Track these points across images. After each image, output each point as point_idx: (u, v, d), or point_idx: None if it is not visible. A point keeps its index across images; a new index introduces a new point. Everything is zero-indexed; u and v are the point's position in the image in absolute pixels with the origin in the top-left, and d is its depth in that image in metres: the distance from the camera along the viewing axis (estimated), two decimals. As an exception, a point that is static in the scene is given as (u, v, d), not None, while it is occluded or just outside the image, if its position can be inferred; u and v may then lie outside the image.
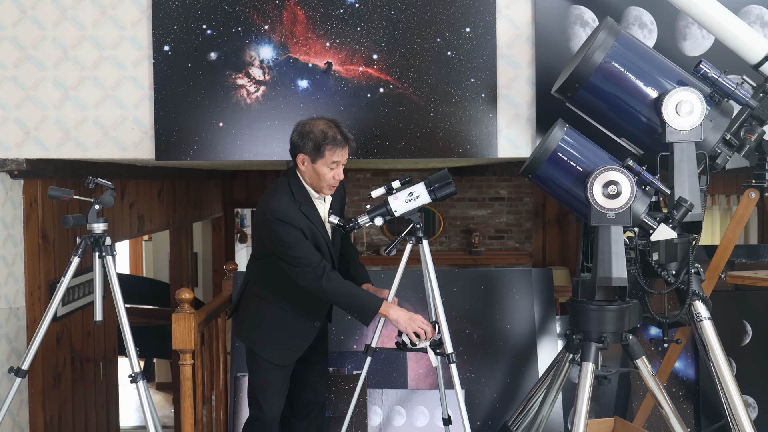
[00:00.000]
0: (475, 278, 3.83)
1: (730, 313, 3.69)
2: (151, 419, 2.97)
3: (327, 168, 2.81)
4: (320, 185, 2.85)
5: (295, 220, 2.80)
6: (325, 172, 2.81)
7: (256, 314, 3.01)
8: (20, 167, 3.52)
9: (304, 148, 2.79)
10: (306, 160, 2.81)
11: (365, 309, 2.82)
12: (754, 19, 3.36)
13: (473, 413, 3.61)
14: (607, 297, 2.61)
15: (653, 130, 2.68)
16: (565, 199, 2.68)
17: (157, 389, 8.39)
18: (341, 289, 2.81)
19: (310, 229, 2.85)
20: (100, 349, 4.77)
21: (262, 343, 2.99)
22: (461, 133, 3.42)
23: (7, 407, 2.96)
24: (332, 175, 2.83)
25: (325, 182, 2.84)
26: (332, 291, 2.80)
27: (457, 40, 3.39)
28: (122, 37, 3.42)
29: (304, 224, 2.82)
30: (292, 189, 2.86)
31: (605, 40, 2.65)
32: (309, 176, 2.85)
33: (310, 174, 2.84)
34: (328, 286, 2.78)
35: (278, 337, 2.97)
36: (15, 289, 3.73)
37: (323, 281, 2.77)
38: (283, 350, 2.98)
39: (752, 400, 3.62)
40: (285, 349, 2.98)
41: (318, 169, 2.80)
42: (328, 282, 2.78)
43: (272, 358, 2.98)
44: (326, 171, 2.81)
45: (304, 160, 2.82)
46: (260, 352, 2.99)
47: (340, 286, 2.81)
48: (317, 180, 2.84)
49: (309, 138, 2.78)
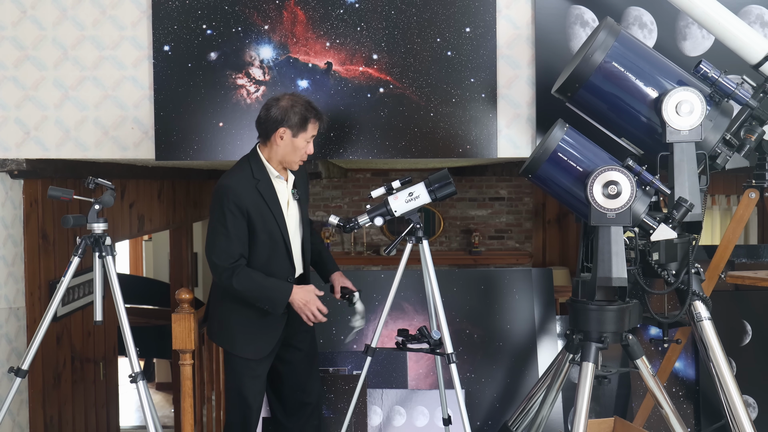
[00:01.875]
0: (475, 278, 3.84)
1: (730, 313, 3.69)
2: (151, 419, 2.97)
3: (305, 142, 2.87)
4: (293, 159, 2.89)
5: (245, 200, 2.81)
6: (302, 146, 2.87)
7: (223, 311, 3.00)
8: (20, 167, 3.52)
9: (287, 122, 2.82)
10: (286, 134, 2.84)
11: (274, 300, 2.85)
12: (754, 19, 3.36)
13: (473, 413, 3.61)
14: (607, 297, 2.61)
15: (653, 130, 2.68)
16: (565, 199, 2.68)
17: (157, 389, 8.39)
18: (251, 283, 2.83)
19: (261, 210, 2.85)
20: (100, 349, 4.77)
21: (234, 339, 2.97)
22: (461, 133, 3.42)
23: (7, 407, 2.96)
24: (306, 150, 2.89)
25: (298, 156, 2.89)
26: (242, 288, 2.82)
27: (457, 40, 3.39)
28: (122, 37, 3.42)
29: (255, 204, 2.83)
30: (252, 167, 2.89)
31: (605, 40, 2.65)
32: (283, 151, 2.87)
33: (286, 149, 2.86)
34: (238, 284, 2.81)
35: (248, 329, 2.95)
36: (15, 289, 3.73)
37: (233, 281, 2.81)
38: (255, 342, 2.95)
39: (752, 400, 3.62)
40: (257, 340, 2.95)
41: (297, 142, 2.85)
42: (238, 281, 2.81)
43: (246, 352, 2.95)
44: (303, 144, 2.87)
45: (283, 134, 2.84)
46: (233, 348, 2.98)
47: (249, 281, 2.82)
48: (292, 154, 2.88)
49: (294, 112, 2.82)
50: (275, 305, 2.86)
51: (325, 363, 3.69)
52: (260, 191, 2.85)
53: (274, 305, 2.86)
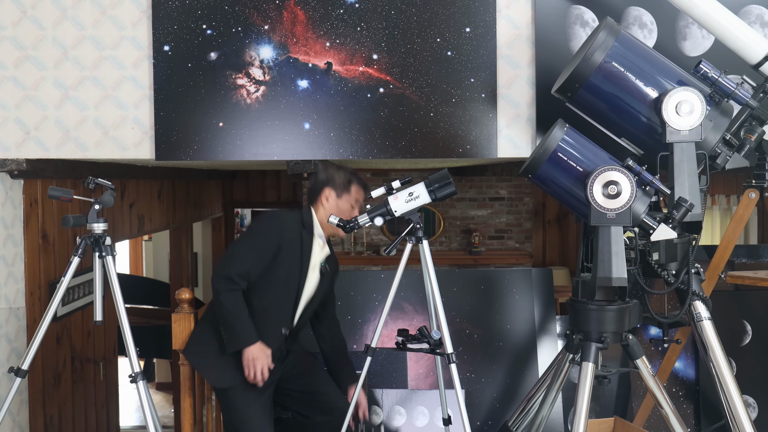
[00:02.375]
0: (475, 278, 3.83)
1: (730, 313, 3.69)
2: (151, 419, 2.97)
3: (349, 205, 3.04)
4: None
5: (286, 233, 2.94)
6: (347, 209, 3.04)
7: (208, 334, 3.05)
8: (20, 167, 3.52)
9: (331, 183, 3.03)
10: (331, 195, 3.03)
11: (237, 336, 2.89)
12: (754, 19, 3.36)
13: (473, 413, 3.61)
14: (607, 297, 2.61)
15: (653, 130, 2.68)
16: (565, 199, 2.68)
17: (157, 389, 8.39)
18: (233, 308, 2.88)
19: (293, 250, 2.94)
20: (100, 349, 4.77)
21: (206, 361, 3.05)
22: (461, 133, 3.42)
23: (7, 407, 2.96)
24: (352, 215, 3.04)
25: None
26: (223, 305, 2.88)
27: (457, 40, 3.39)
28: (122, 37, 3.42)
29: (291, 242, 2.94)
30: (303, 216, 3.04)
31: (605, 40, 2.65)
32: (328, 212, 3.03)
33: (330, 209, 3.03)
34: (224, 299, 2.88)
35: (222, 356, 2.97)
36: (15, 289, 3.73)
37: (224, 294, 2.87)
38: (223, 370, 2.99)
39: (752, 400, 3.62)
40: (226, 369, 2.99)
41: (341, 204, 3.03)
42: (226, 297, 2.87)
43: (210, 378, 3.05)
44: (348, 207, 3.04)
45: (328, 196, 3.03)
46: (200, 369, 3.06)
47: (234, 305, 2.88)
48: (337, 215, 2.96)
49: (339, 174, 3.04)
50: (233, 341, 2.91)
51: (325, 363, 3.69)
52: (302, 236, 2.98)
53: (232, 340, 2.91)
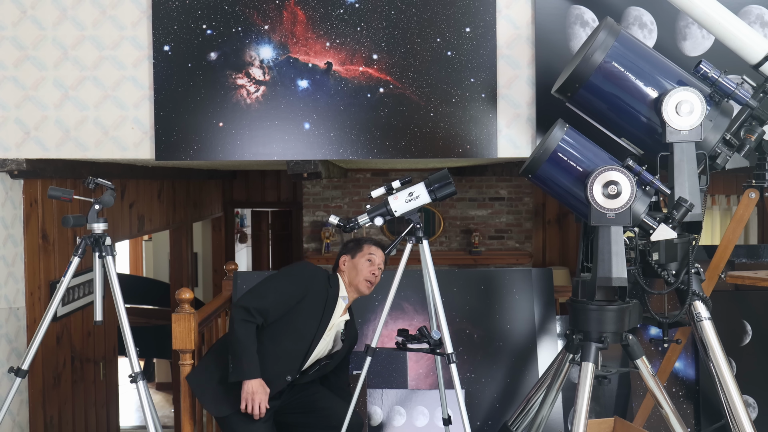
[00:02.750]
0: (475, 278, 3.83)
1: (730, 313, 3.69)
2: (151, 419, 2.97)
3: (365, 261, 3.12)
4: (358, 279, 3.11)
5: (315, 284, 3.04)
6: (364, 266, 3.11)
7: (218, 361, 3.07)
8: (20, 167, 3.52)
9: (346, 249, 3.18)
10: (347, 260, 3.15)
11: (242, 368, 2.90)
12: (754, 19, 3.36)
13: (473, 413, 3.61)
14: (607, 297, 2.61)
15: (653, 130, 2.68)
16: (565, 199, 2.68)
17: (157, 389, 8.39)
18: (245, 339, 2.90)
19: (316, 303, 3.01)
20: (100, 349, 4.77)
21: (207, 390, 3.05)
22: (461, 133, 3.42)
23: (7, 407, 2.96)
24: (370, 270, 3.11)
25: (362, 275, 3.11)
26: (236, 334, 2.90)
27: (457, 40, 3.39)
28: (122, 37, 3.42)
29: (316, 295, 3.02)
30: (330, 277, 3.14)
31: (605, 40, 2.65)
32: (348, 274, 3.13)
33: (350, 270, 3.13)
34: (239, 328, 2.90)
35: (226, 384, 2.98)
36: (15, 289, 3.73)
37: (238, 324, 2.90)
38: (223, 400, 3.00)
39: (752, 400, 3.62)
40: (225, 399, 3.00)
41: (357, 263, 3.12)
42: (241, 327, 2.90)
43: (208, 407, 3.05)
44: (365, 265, 3.11)
45: (345, 260, 3.16)
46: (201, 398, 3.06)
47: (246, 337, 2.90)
48: (355, 274, 3.12)
49: (351, 241, 3.20)
50: (236, 371, 2.91)
51: (325, 363, 3.69)
52: (328, 293, 3.06)
53: (237, 370, 2.91)
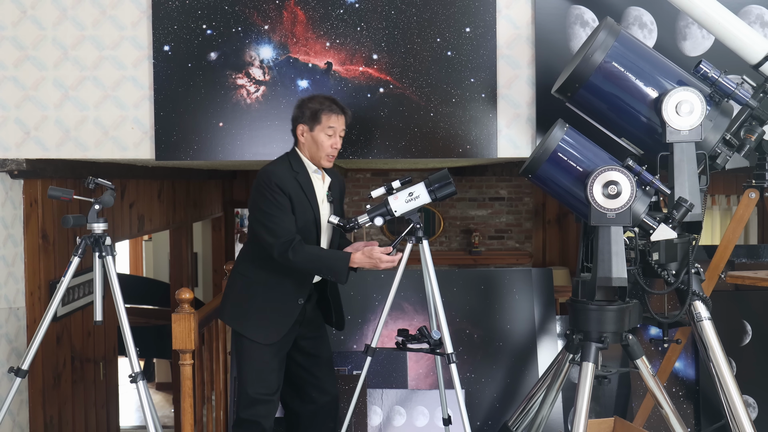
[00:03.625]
0: (475, 278, 3.83)
1: (730, 313, 3.69)
2: (151, 419, 2.97)
3: (324, 135, 2.92)
4: (319, 155, 2.94)
5: (286, 185, 2.88)
6: (323, 140, 2.92)
7: (239, 293, 3.03)
8: (20, 167, 3.52)
9: (302, 118, 2.94)
10: (305, 130, 2.94)
11: (336, 269, 2.87)
12: (754, 19, 3.36)
13: (473, 413, 3.61)
14: (607, 297, 2.61)
15: (653, 130, 2.68)
16: (565, 199, 2.68)
17: (157, 389, 8.39)
18: (308, 256, 2.86)
19: (300, 198, 2.91)
20: (100, 349, 4.77)
21: (245, 322, 2.99)
22: (461, 133, 3.42)
23: (7, 407, 2.96)
24: (330, 144, 2.93)
25: (324, 151, 2.93)
26: (300, 261, 2.85)
27: (457, 40, 3.39)
28: (122, 37, 3.42)
29: (295, 191, 2.90)
30: (290, 161, 2.97)
31: (605, 40, 2.65)
32: (308, 147, 2.96)
33: (309, 144, 2.95)
34: (294, 257, 2.83)
35: (260, 314, 2.97)
36: (15, 289, 3.73)
37: (290, 254, 2.83)
38: (266, 328, 2.96)
39: (752, 400, 3.62)
40: (268, 326, 2.97)
41: (316, 136, 2.92)
42: (294, 254, 2.83)
43: (256, 336, 2.97)
44: (324, 138, 2.92)
45: (303, 131, 2.95)
46: (244, 331, 2.99)
47: (306, 254, 2.85)
48: (316, 150, 2.94)
49: (306, 107, 2.93)
50: (338, 274, 2.88)
51: (325, 363, 3.69)
52: (299, 182, 2.92)
53: (337, 274, 2.88)
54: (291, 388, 3.17)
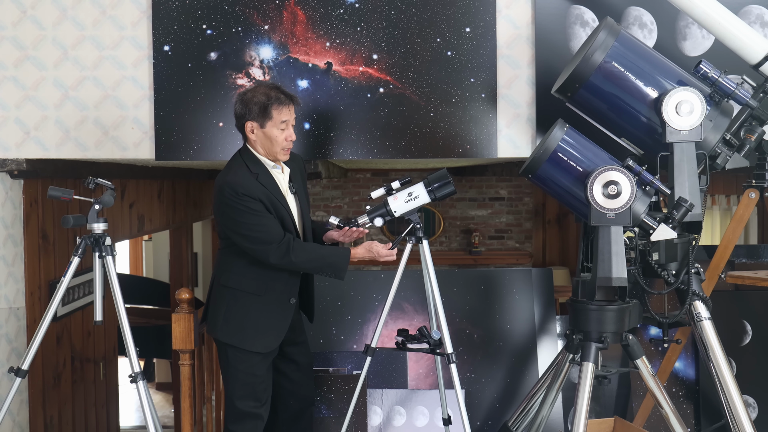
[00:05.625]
0: (475, 278, 3.83)
1: (730, 313, 3.69)
2: (151, 419, 2.97)
3: (277, 129, 2.79)
4: (274, 150, 2.83)
5: (254, 191, 2.76)
6: (277, 135, 2.80)
7: (230, 307, 2.90)
8: (20, 167, 3.52)
9: (250, 115, 2.79)
10: (255, 127, 2.80)
11: (338, 265, 2.83)
12: (754, 19, 3.36)
13: (473, 413, 3.61)
14: (607, 297, 2.61)
15: (653, 130, 2.68)
16: (565, 199, 2.69)
17: (157, 389, 8.39)
18: (309, 255, 2.81)
19: (270, 199, 2.81)
20: (100, 349, 4.77)
21: (243, 335, 2.88)
22: (461, 133, 3.42)
23: (7, 407, 2.96)
24: (284, 137, 2.81)
25: (278, 145, 2.82)
26: (302, 261, 2.79)
27: (457, 40, 3.39)
28: (122, 37, 3.42)
29: (264, 194, 2.79)
30: (246, 162, 2.84)
31: (605, 40, 2.65)
32: (261, 144, 2.83)
33: (262, 141, 2.82)
34: (296, 258, 2.77)
35: (257, 323, 2.87)
36: (15, 289, 3.73)
37: (291, 255, 2.76)
38: (264, 336, 2.89)
39: (752, 400, 3.62)
40: (266, 334, 2.89)
41: (268, 132, 2.79)
42: (296, 255, 2.77)
43: (256, 347, 2.87)
44: (277, 133, 2.80)
45: (252, 128, 2.81)
46: (242, 344, 2.87)
47: (307, 253, 2.81)
48: (270, 145, 2.82)
49: (253, 103, 2.77)
50: (338, 270, 2.83)
51: (325, 363, 3.69)
52: (262, 183, 2.81)
53: (337, 270, 2.84)
54: None
